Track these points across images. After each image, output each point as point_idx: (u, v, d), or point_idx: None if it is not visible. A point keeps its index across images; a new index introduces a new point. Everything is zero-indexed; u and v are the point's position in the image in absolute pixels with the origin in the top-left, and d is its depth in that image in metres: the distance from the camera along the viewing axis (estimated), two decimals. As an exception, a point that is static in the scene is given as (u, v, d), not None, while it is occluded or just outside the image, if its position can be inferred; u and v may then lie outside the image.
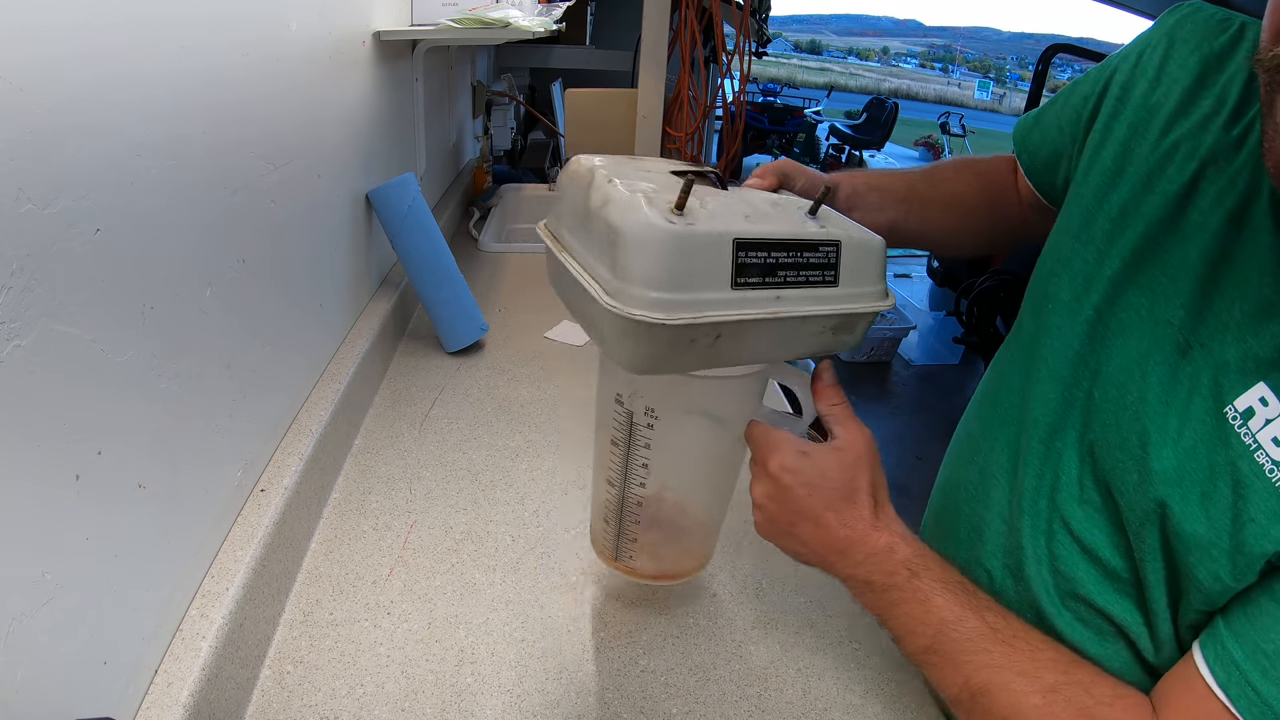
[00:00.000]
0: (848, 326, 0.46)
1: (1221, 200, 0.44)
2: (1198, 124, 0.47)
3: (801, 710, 0.56)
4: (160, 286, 0.47)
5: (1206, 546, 0.39)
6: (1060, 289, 0.51)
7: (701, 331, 0.40)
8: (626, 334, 0.40)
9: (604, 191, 0.42)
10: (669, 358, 0.41)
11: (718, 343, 0.41)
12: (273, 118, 0.65)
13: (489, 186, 1.86)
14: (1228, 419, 0.39)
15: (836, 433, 0.47)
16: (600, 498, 0.58)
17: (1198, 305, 0.43)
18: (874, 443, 0.47)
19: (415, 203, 1.01)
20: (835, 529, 0.45)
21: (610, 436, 0.53)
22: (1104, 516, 0.46)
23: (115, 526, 0.43)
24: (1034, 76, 3.53)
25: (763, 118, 7.56)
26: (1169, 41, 0.50)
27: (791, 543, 0.47)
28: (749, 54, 1.93)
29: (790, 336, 0.44)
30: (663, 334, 0.39)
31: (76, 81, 0.38)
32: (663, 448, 0.52)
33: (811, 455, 0.46)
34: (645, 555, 0.58)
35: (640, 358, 0.41)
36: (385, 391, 0.97)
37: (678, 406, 0.50)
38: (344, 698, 0.54)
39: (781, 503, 0.46)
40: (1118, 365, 0.46)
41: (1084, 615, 0.48)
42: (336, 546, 0.69)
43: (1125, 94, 0.52)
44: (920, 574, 0.44)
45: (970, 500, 0.56)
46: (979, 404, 0.60)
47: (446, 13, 1.08)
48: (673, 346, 0.40)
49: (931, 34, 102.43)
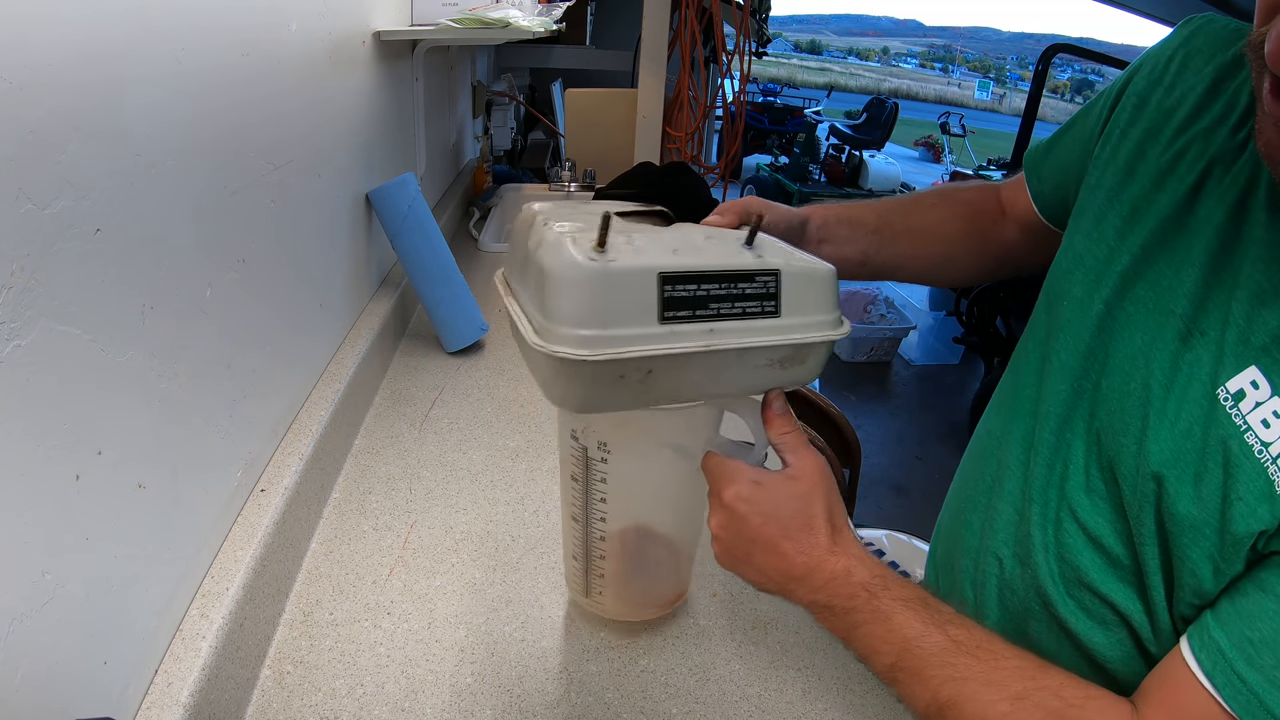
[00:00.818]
0: (797, 358, 0.45)
1: (1224, 197, 0.45)
2: (1208, 127, 0.48)
3: (801, 710, 0.56)
4: (160, 286, 0.47)
5: (1199, 526, 0.40)
6: (1074, 285, 0.52)
7: (629, 367, 0.40)
8: (557, 373, 0.40)
9: (539, 234, 0.43)
10: (602, 396, 0.41)
11: (650, 378, 0.41)
12: (273, 118, 0.65)
13: (489, 186, 1.86)
14: (1219, 400, 0.41)
15: (789, 461, 0.47)
16: (568, 534, 0.58)
17: (1200, 296, 0.44)
18: (827, 468, 0.47)
19: (415, 203, 1.01)
20: (792, 557, 0.45)
21: (570, 472, 0.53)
22: (1108, 504, 0.47)
23: (115, 526, 0.43)
24: (1034, 76, 3.53)
25: (763, 118, 7.56)
26: (1186, 51, 0.53)
27: (750, 571, 0.47)
28: (749, 54, 1.93)
29: (731, 370, 0.44)
30: (588, 370, 0.39)
31: (77, 82, 0.38)
32: (620, 480, 0.51)
33: (765, 484, 0.46)
34: (615, 589, 0.57)
35: (572, 396, 0.41)
36: (385, 391, 0.97)
37: (631, 439, 0.50)
38: (344, 698, 0.54)
39: (738, 532, 0.46)
40: (1124, 354, 0.47)
41: (1088, 604, 0.48)
42: (336, 546, 0.69)
43: (1144, 100, 0.53)
44: (879, 594, 0.44)
45: (986, 491, 0.57)
46: (997, 402, 0.62)
47: (446, 13, 1.08)
48: (600, 383, 0.40)
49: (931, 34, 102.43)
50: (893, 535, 1.15)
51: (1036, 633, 0.52)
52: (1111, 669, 0.49)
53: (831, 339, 0.45)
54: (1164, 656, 0.45)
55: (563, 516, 0.59)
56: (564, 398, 0.42)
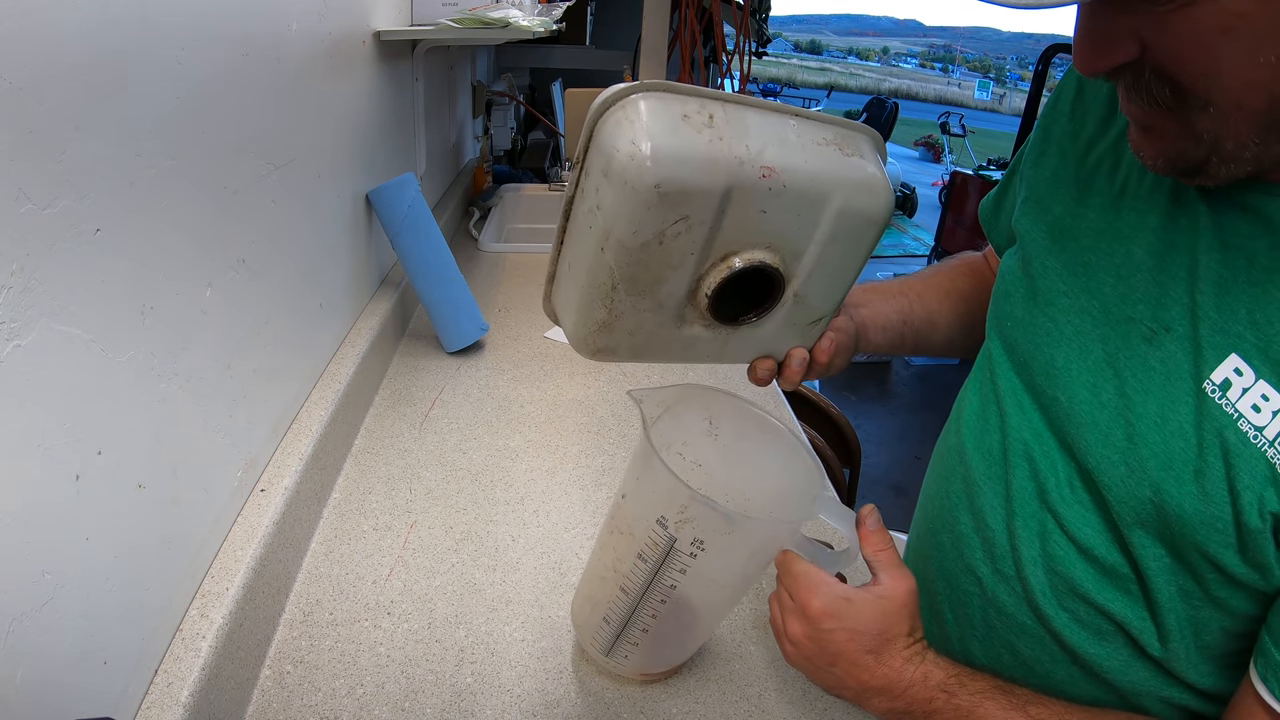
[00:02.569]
0: (851, 144, 0.44)
1: (1153, 198, 0.46)
2: (1115, 140, 0.50)
3: (801, 710, 0.56)
4: (160, 286, 0.47)
5: (1210, 521, 0.40)
6: (1014, 306, 0.53)
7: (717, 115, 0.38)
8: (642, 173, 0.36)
9: None
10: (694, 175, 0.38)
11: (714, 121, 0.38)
12: (273, 118, 0.65)
13: (489, 186, 1.86)
14: (1207, 393, 0.41)
15: (881, 579, 0.47)
16: (601, 595, 0.54)
17: (1155, 296, 0.44)
18: (916, 589, 0.47)
19: (415, 203, 1.01)
20: (874, 669, 0.45)
21: (637, 550, 0.49)
22: (1095, 514, 0.47)
23: (115, 526, 0.43)
24: (1034, 77, 3.53)
25: (763, 118, 7.53)
26: (1079, 80, 0.54)
27: (827, 679, 0.48)
28: (749, 54, 1.93)
29: (789, 140, 0.41)
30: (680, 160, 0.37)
31: (77, 82, 0.38)
32: (699, 576, 0.49)
33: (854, 601, 0.46)
34: (641, 658, 0.56)
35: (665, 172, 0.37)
36: (385, 391, 0.97)
37: (732, 542, 0.48)
38: (344, 698, 0.54)
39: (821, 645, 0.46)
40: (1083, 367, 0.47)
41: (1082, 615, 0.48)
42: (336, 546, 0.69)
43: (1047, 134, 0.56)
44: (957, 692, 0.44)
45: (954, 509, 0.57)
46: (955, 419, 0.61)
47: (446, 13, 1.08)
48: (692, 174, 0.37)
49: (931, 34, 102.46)
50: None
51: (1028, 649, 0.52)
52: (1109, 678, 0.49)
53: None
54: (1174, 656, 0.45)
55: (595, 574, 0.55)
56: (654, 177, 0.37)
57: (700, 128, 0.38)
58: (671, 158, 0.37)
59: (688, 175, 0.38)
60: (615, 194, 0.38)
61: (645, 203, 0.38)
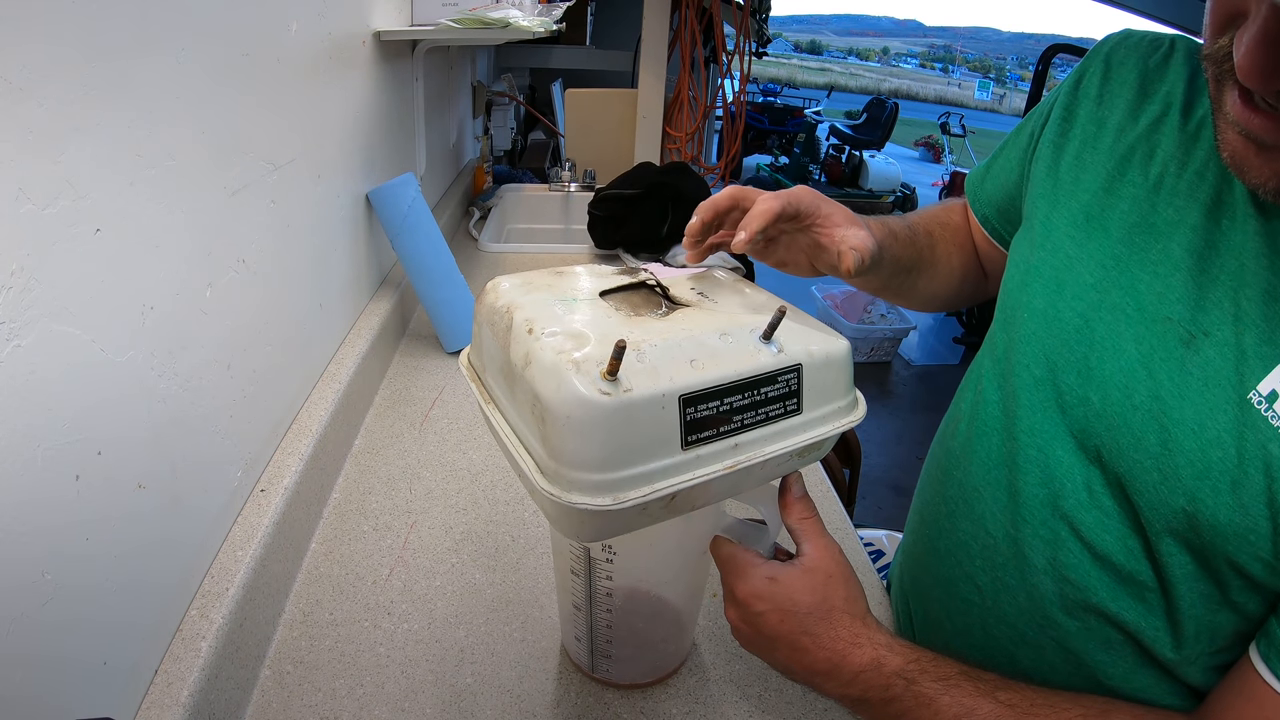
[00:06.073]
0: (819, 449, 0.43)
1: (1194, 194, 0.44)
2: (1147, 128, 0.49)
3: (801, 710, 0.56)
4: (160, 286, 0.47)
5: (1245, 534, 0.39)
6: (1032, 297, 0.51)
7: (654, 503, 0.36)
8: (569, 515, 0.36)
9: (524, 345, 0.37)
10: (620, 527, 0.38)
11: (672, 503, 0.38)
12: (273, 118, 0.65)
13: (489, 186, 1.86)
14: (1252, 404, 0.39)
15: (805, 550, 0.45)
16: (566, 613, 0.56)
17: (1194, 297, 0.43)
18: (843, 556, 0.46)
19: (415, 203, 1.01)
20: (814, 652, 0.44)
21: (569, 566, 0.50)
22: (1118, 520, 0.45)
23: (115, 527, 0.43)
24: (1034, 77, 3.53)
25: (763, 118, 7.56)
26: (1106, 65, 0.53)
27: (776, 664, 0.46)
28: (749, 54, 1.93)
29: (754, 476, 0.41)
30: (609, 514, 0.35)
31: (77, 82, 0.38)
32: (626, 573, 0.49)
33: (780, 580, 0.44)
34: (623, 667, 0.56)
35: (588, 533, 0.38)
36: (385, 391, 0.97)
37: (636, 540, 0.47)
38: (344, 698, 0.54)
39: (757, 628, 0.45)
40: (1117, 368, 0.45)
41: (1093, 625, 0.47)
42: (336, 546, 0.69)
43: (1069, 115, 0.54)
44: (918, 679, 0.42)
45: (951, 515, 0.55)
46: (952, 422, 0.59)
47: (446, 13, 1.08)
48: (619, 520, 0.37)
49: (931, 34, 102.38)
50: (893, 535, 1.15)
51: (1028, 659, 0.51)
52: (1112, 685, 0.48)
53: (850, 425, 0.43)
54: (1188, 661, 0.44)
55: (560, 599, 0.56)
56: (576, 535, 0.39)
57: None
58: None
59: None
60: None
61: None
